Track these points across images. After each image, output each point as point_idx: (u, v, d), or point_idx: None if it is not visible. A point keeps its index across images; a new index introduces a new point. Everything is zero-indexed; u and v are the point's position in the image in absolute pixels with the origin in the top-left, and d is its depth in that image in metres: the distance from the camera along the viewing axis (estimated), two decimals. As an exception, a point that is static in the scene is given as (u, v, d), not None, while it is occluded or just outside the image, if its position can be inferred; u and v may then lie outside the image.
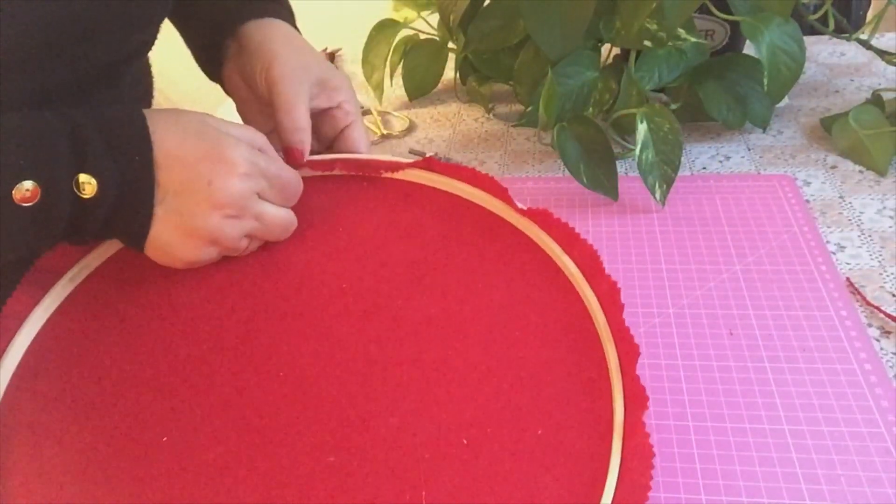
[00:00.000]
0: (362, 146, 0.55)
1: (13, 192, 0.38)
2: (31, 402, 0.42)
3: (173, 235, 0.44)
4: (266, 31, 0.54)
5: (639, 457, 0.36)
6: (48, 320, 0.47)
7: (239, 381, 0.42)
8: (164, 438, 0.40)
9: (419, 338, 0.43)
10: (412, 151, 0.53)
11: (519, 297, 0.45)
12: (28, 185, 0.39)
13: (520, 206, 0.49)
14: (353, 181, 0.53)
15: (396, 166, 0.53)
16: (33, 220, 0.40)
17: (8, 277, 0.48)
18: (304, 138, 0.52)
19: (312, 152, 0.54)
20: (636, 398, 0.38)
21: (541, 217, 0.48)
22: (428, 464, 0.37)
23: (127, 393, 0.42)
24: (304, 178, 0.52)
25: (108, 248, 0.50)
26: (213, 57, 0.58)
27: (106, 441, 0.40)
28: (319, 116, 0.55)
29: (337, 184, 0.53)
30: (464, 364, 0.42)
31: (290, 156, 0.52)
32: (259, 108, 0.57)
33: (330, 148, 0.57)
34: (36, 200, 0.39)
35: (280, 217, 0.48)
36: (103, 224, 0.42)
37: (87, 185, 0.40)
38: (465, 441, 0.38)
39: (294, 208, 0.51)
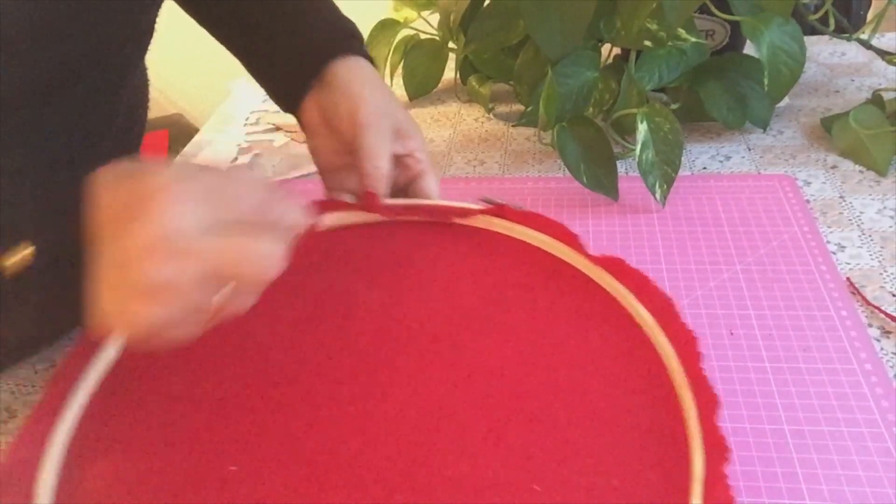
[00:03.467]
0: (434, 195, 0.55)
1: None
2: (105, 423, 0.43)
3: (110, 295, 0.35)
4: (353, 71, 0.54)
5: None
6: (125, 350, 0.47)
7: (308, 414, 0.42)
8: (233, 467, 0.40)
9: (490, 379, 0.43)
10: (484, 199, 0.54)
11: (591, 344, 0.44)
12: None
13: (591, 253, 0.49)
14: (425, 227, 0.54)
15: (468, 212, 0.53)
16: None
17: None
18: (383, 185, 0.52)
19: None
20: (717, 448, 0.37)
21: (613, 264, 0.48)
22: None
23: (198, 421, 0.43)
24: (376, 224, 0.54)
25: None
26: (292, 91, 0.57)
27: (175, 464, 0.41)
28: (392, 162, 0.55)
29: (409, 229, 0.54)
30: (535, 407, 0.41)
31: (367, 199, 0.52)
32: (334, 145, 0.55)
33: (402, 194, 0.56)
34: None
35: (246, 245, 0.35)
36: (39, 300, 0.39)
37: (12, 256, 0.37)
38: (537, 488, 0.37)
39: (363, 253, 0.51)
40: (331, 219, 0.54)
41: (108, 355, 0.45)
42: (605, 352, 0.44)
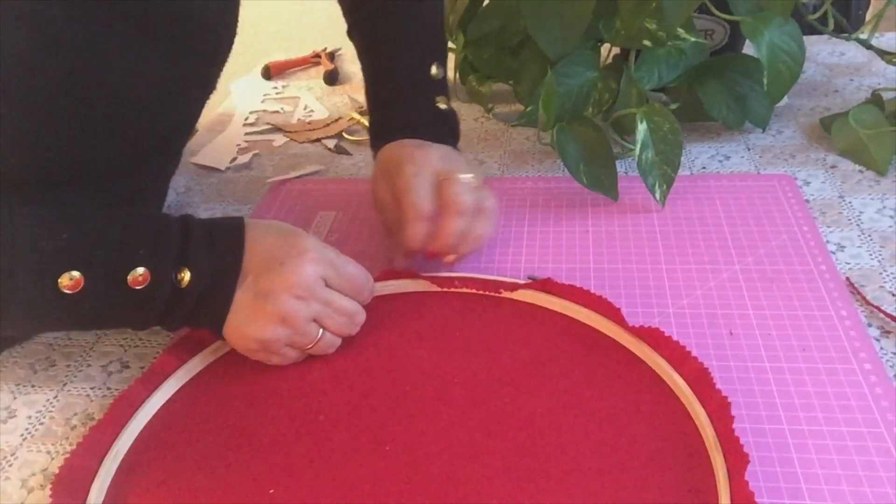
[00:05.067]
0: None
1: (128, 276, 0.45)
2: (161, 443, 0.48)
3: (246, 313, 0.48)
4: (406, 150, 0.60)
5: None
6: (191, 379, 0.53)
7: (348, 447, 0.46)
8: (271, 490, 0.44)
9: (523, 430, 0.46)
10: (531, 277, 0.58)
11: (625, 409, 0.46)
12: (141, 270, 0.45)
13: (630, 324, 0.51)
14: (474, 298, 0.58)
15: (514, 286, 0.57)
16: (138, 301, 0.46)
17: None
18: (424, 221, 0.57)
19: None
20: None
21: (651, 336, 0.50)
22: None
23: (246, 449, 0.47)
24: (430, 293, 0.58)
25: None
26: (375, 142, 0.65)
27: (221, 484, 0.44)
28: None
29: (459, 299, 0.58)
30: (566, 459, 0.43)
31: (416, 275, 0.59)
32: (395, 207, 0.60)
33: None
34: (145, 285, 0.45)
35: (347, 306, 0.51)
36: (192, 309, 0.48)
37: (184, 275, 0.46)
38: None
39: (416, 316, 0.56)
40: (391, 286, 0.59)
41: (170, 386, 0.51)
42: (638, 414, 0.46)
